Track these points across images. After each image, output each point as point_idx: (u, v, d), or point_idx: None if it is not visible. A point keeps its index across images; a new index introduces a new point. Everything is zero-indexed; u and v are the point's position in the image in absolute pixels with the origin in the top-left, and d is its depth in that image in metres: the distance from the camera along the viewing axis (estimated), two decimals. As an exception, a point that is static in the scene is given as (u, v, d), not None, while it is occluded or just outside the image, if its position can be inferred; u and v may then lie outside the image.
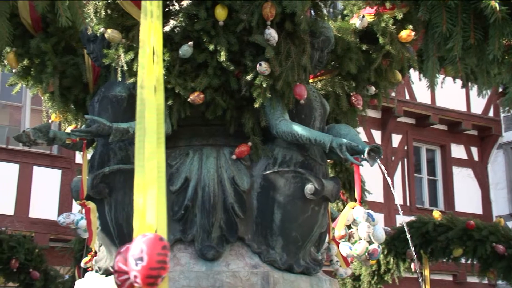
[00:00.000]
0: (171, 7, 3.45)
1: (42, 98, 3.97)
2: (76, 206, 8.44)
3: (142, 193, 1.34)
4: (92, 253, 3.95)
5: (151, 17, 1.37)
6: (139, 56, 1.31)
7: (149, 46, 1.35)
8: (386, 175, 3.86)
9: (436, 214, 6.21)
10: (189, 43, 3.26)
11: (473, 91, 4.62)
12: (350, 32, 3.76)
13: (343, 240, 3.37)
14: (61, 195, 8.76)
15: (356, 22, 3.76)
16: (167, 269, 1.32)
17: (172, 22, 3.43)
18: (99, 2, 3.12)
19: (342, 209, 4.86)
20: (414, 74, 4.41)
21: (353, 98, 3.86)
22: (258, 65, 3.25)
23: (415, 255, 5.62)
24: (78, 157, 8.50)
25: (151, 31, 1.38)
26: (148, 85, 1.34)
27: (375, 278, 6.23)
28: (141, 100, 1.33)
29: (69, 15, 2.33)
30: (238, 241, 3.40)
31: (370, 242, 3.29)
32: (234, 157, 3.49)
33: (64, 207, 8.65)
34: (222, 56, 3.26)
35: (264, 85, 3.28)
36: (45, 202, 8.58)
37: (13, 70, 3.82)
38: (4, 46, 2.88)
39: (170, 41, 3.30)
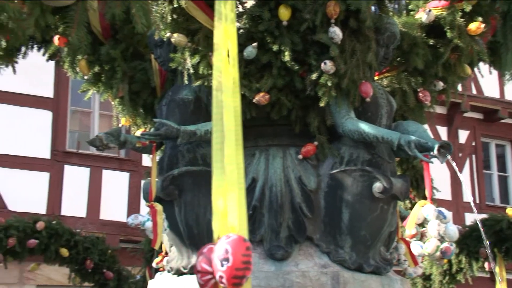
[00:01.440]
0: (235, 9, 3.48)
1: (112, 103, 4.09)
2: (144, 208, 8.68)
3: (222, 195, 1.36)
4: (163, 253, 4.03)
5: (225, 20, 1.39)
6: (214, 59, 1.32)
7: (224, 49, 1.37)
8: (457, 171, 3.76)
9: (510, 212, 5.99)
10: (253, 44, 3.28)
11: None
12: (416, 27, 3.68)
13: (414, 239, 3.30)
14: (129, 197, 9.01)
15: (422, 16, 3.68)
16: (251, 270, 1.34)
17: (236, 24, 3.46)
18: (165, 8, 3.19)
19: (410, 208, 4.79)
20: (482, 67, 4.28)
21: (420, 94, 3.79)
22: (322, 64, 3.24)
23: (490, 254, 5.44)
24: (145, 160, 8.71)
25: (226, 34, 1.40)
26: (225, 88, 1.36)
27: (447, 277, 6.08)
28: (218, 103, 1.35)
29: (144, 21, 2.40)
30: (307, 241, 3.39)
31: (441, 240, 3.21)
32: (300, 156, 3.49)
33: (133, 208, 8.88)
34: (286, 56, 3.26)
35: (329, 84, 3.26)
36: (114, 204, 8.85)
37: (85, 77, 3.95)
38: (83, 54, 3.00)
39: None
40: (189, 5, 3.25)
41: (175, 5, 3.25)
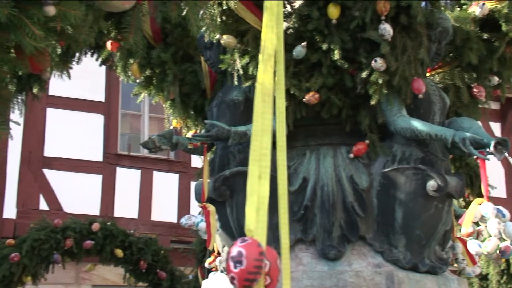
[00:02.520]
0: (283, 9, 3.49)
1: (163, 105, 4.16)
2: (194, 208, 8.77)
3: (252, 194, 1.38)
4: (215, 253, 4.06)
5: (272, 20, 1.39)
6: (260, 58, 1.33)
7: (272, 49, 1.37)
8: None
9: None
10: (303, 43, 3.28)
11: None
12: (469, 21, 3.59)
13: (471, 237, 3.23)
14: (179, 198, 9.12)
15: (475, 10, 3.59)
16: (262, 274, 1.35)
17: (284, 24, 3.46)
18: (214, 10, 3.22)
19: (464, 206, 4.68)
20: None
21: (474, 90, 3.70)
22: (373, 62, 3.20)
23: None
24: (194, 161, 8.81)
25: (273, 34, 1.41)
26: (268, 87, 1.36)
27: (505, 277, 5.91)
28: (260, 101, 1.35)
29: (199, 24, 2.43)
30: (360, 240, 3.36)
31: (500, 239, 3.13)
32: (351, 155, 3.46)
33: (183, 209, 8.99)
34: (336, 55, 3.24)
35: (380, 82, 3.22)
36: (165, 205, 8.98)
37: (137, 81, 4.03)
38: (139, 58, 3.07)
39: (284, 43, 3.33)
40: (238, 7, 3.28)
41: (224, 7, 3.28)
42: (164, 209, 8.94)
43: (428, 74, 3.72)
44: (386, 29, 3.18)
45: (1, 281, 5.16)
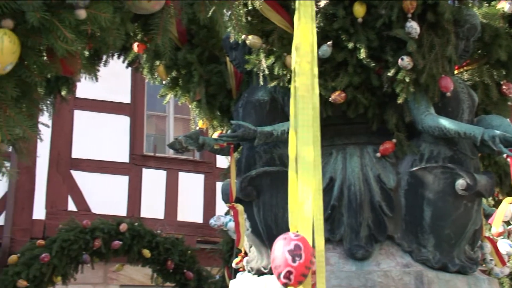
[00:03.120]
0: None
1: (190, 106, 4.18)
2: (220, 209, 8.80)
3: (302, 189, 1.37)
4: (242, 253, 4.07)
5: (306, 20, 1.40)
6: (294, 58, 1.33)
7: (306, 48, 1.37)
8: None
9: None
10: (328, 43, 3.27)
11: None
12: (498, 17, 3.54)
13: (501, 237, 3.18)
14: (205, 198, 9.15)
15: (504, 6, 3.54)
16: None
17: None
18: (240, 10, 3.22)
19: (493, 205, 4.61)
20: None
21: (503, 87, 3.65)
22: (400, 60, 3.17)
23: None
24: (219, 162, 8.84)
25: (306, 33, 1.41)
26: (304, 86, 1.37)
27: (536, 277, 5.81)
28: (297, 100, 1.36)
29: (227, 24, 2.44)
30: (388, 240, 3.33)
31: (532, 239, 3.08)
32: (378, 155, 3.44)
33: (208, 209, 9.03)
34: (362, 54, 3.22)
35: (407, 80, 3.19)
36: (191, 205, 9.02)
37: (163, 82, 4.06)
38: (167, 60, 3.10)
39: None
40: (263, 7, 3.28)
41: (249, 8, 3.29)
42: (190, 210, 8.98)
43: (456, 72, 3.68)
44: (413, 27, 3.15)
45: (32, 281, 5.24)
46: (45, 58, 1.88)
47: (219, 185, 9.14)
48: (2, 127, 1.74)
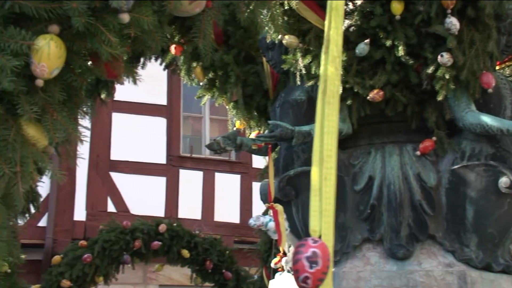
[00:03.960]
0: (345, 7, 3.46)
1: (227, 107, 4.20)
2: (256, 209, 8.81)
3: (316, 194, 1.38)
4: (281, 253, 4.07)
5: (338, 21, 1.39)
6: (322, 57, 1.33)
7: (337, 50, 1.37)
8: None
9: None
10: (366, 41, 3.24)
11: None
12: (541, 11, 3.46)
13: (547, 236, 3.11)
14: (241, 198, 9.19)
15: (547, -1, 3.46)
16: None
17: (347, 22, 3.43)
18: (276, 10, 3.23)
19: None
20: None
21: (547, 82, 3.56)
22: (439, 57, 3.13)
23: None
24: (255, 162, 8.86)
25: (338, 35, 1.41)
26: (331, 92, 1.36)
27: None
28: (323, 103, 1.35)
29: (267, 24, 2.46)
30: (429, 239, 3.29)
31: None
32: (418, 153, 3.40)
33: (245, 210, 9.06)
34: (400, 51, 3.18)
35: (447, 77, 3.14)
36: (227, 206, 9.07)
37: (200, 83, 4.10)
38: (208, 62, 3.14)
39: (346, 41, 3.30)
40: (300, 6, 3.28)
41: (285, 7, 3.29)
42: (227, 210, 9.03)
43: (497, 68, 3.61)
44: (453, 22, 3.10)
45: (75, 281, 5.35)
46: (89, 62, 1.93)
47: (255, 185, 9.21)
48: (50, 130, 1.79)
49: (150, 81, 7.89)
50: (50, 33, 1.84)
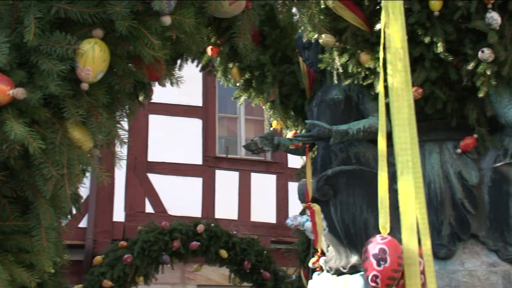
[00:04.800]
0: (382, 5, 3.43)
1: (263, 107, 4.21)
2: (292, 209, 8.78)
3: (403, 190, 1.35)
4: (319, 253, 4.05)
5: (395, 16, 1.38)
6: (388, 55, 1.32)
7: (397, 45, 1.36)
8: None
9: None
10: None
11: None
12: None
13: None
14: (277, 198, 9.18)
15: None
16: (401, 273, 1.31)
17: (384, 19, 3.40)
18: (315, 9, 3.22)
19: None
20: None
21: None
22: (480, 52, 3.07)
23: None
24: (291, 162, 8.84)
25: (397, 33, 1.40)
26: (399, 84, 1.35)
27: None
28: (392, 99, 1.34)
29: (310, 23, 2.46)
30: (471, 238, 3.25)
31: None
32: (459, 151, 3.35)
33: (281, 210, 9.05)
34: (440, 47, 3.14)
35: (488, 73, 3.09)
36: (263, 206, 9.06)
37: (237, 84, 4.11)
38: (248, 62, 3.16)
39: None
40: (336, 5, 3.26)
41: (322, 6, 3.27)
42: (263, 210, 9.03)
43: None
44: (494, 17, 3.04)
45: (116, 281, 5.42)
46: (131, 64, 1.96)
47: (291, 185, 9.19)
48: (95, 133, 1.83)
49: (186, 83, 7.93)
50: (94, 37, 1.87)
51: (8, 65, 1.79)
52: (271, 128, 4.22)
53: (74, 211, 4.22)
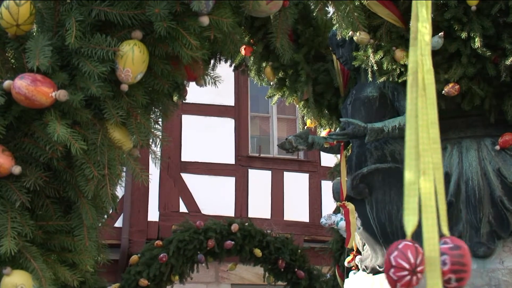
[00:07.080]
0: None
1: (297, 106, 4.20)
2: (325, 208, 8.75)
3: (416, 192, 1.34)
4: (354, 252, 4.03)
5: (427, 15, 1.36)
6: (418, 54, 1.31)
7: (428, 44, 1.34)
8: None
9: None
10: (440, 34, 3.16)
11: None
12: None
13: None
14: (310, 197, 9.15)
15: None
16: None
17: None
18: (347, 7, 3.20)
19: None
20: None
21: None
22: (519, 47, 3.02)
23: None
24: (324, 161, 8.81)
25: (426, 29, 1.38)
26: (427, 82, 1.33)
27: None
28: (412, 99, 1.32)
29: (346, 22, 2.45)
30: (511, 236, 3.18)
31: None
32: (497, 147, 3.30)
33: (314, 209, 9.02)
34: (477, 43, 3.09)
35: (529, 67, 3.03)
36: (296, 205, 9.05)
37: (270, 83, 4.12)
38: (286, 61, 3.16)
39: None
40: (371, 2, 3.23)
41: (357, 3, 3.25)
42: (296, 209, 9.02)
43: None
44: (533, 11, 2.98)
45: (153, 280, 5.47)
46: (170, 65, 1.98)
47: (324, 184, 9.16)
48: (135, 133, 1.86)
49: (218, 83, 7.98)
50: (133, 38, 1.90)
51: (50, 68, 1.83)
52: (305, 127, 4.21)
53: (110, 211, 4.28)
